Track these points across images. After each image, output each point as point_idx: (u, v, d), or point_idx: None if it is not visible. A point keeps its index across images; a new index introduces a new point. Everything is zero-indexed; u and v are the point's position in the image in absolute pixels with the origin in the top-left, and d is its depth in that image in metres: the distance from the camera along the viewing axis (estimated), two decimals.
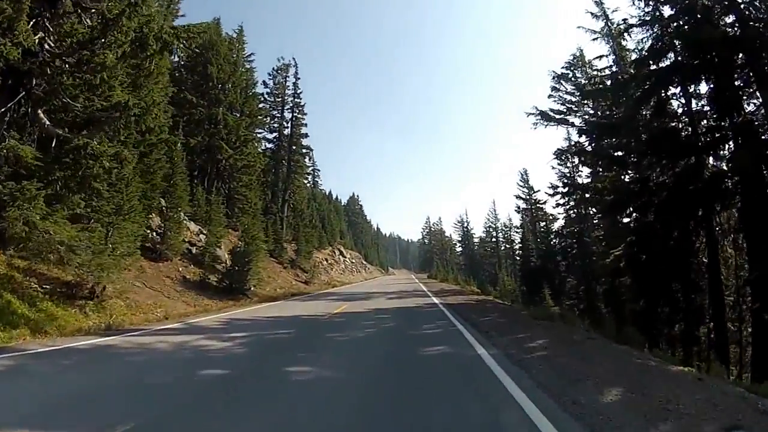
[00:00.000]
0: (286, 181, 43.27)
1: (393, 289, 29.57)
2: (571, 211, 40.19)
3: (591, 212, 39.95)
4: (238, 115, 34.63)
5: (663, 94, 15.52)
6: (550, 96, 32.12)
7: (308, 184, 74.08)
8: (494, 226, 68.60)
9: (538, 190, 47.89)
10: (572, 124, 31.98)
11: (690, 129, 15.65)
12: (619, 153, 16.75)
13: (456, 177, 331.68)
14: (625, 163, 16.61)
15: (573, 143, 30.81)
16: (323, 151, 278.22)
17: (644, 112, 16.39)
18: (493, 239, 68.87)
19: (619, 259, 17.06)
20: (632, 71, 16.87)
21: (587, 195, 17.85)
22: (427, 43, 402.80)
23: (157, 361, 6.57)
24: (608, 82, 18.84)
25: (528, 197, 48.11)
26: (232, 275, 20.70)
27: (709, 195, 13.85)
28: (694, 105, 16.35)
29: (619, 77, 17.16)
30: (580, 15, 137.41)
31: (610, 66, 19.17)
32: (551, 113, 31.38)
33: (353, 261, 66.19)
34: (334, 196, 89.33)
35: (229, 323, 11.14)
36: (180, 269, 21.58)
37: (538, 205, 47.10)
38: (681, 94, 16.36)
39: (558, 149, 31.55)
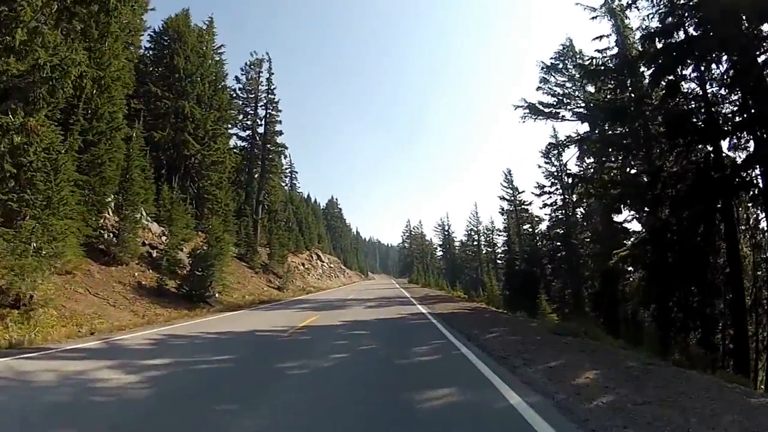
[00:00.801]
0: (260, 181, 40.83)
1: (373, 296, 27.16)
2: (559, 212, 38.81)
3: (579, 213, 38.64)
4: (207, 108, 32.13)
5: (678, 72, 13.84)
6: (539, 88, 30.48)
7: (285, 186, 71.85)
8: (476, 229, 66.98)
9: (523, 191, 46.48)
10: (563, 118, 30.51)
11: (705, 113, 14.01)
12: (626, 141, 15.00)
13: (437, 180, 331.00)
14: (636, 151, 14.89)
15: (567, 136, 29.30)
16: (302, 155, 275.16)
17: (654, 95, 14.74)
18: (475, 243, 67.16)
19: (624, 260, 15.30)
20: (639, 49, 15.20)
21: (591, 189, 16.02)
22: (406, 44, 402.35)
23: (7, 409, 4.31)
24: (610, 67, 17.09)
25: (512, 198, 46.57)
26: (192, 281, 18.35)
27: (734, 185, 12.15)
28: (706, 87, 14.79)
29: (628, 54, 15.45)
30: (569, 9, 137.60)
31: (612, 47, 17.44)
32: (540, 106, 29.85)
33: (331, 266, 63.81)
34: (312, 200, 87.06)
35: (160, 343, 8.78)
36: (136, 274, 19.24)
37: (522, 206, 45.58)
38: (695, 76, 14.76)
39: (550, 143, 29.96)
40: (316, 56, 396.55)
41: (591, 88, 29.80)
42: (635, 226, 27.17)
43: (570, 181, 19.31)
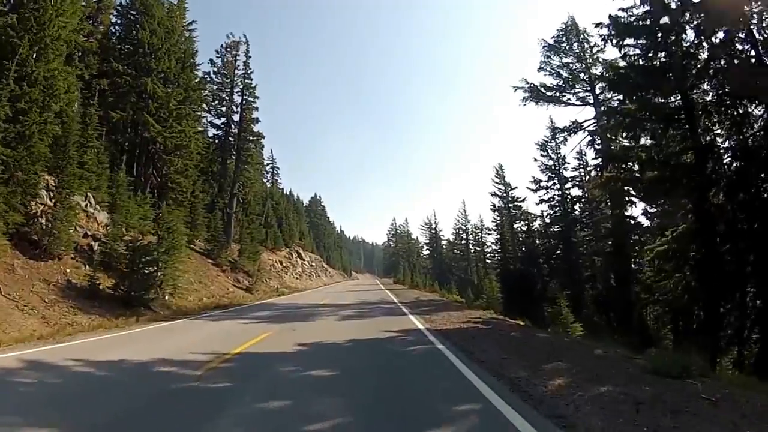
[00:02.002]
0: (235, 172, 37.49)
1: (353, 299, 23.58)
2: (556, 209, 36.16)
3: (577, 210, 35.99)
4: (173, 87, 28.74)
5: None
6: (540, 69, 27.84)
7: (267, 182, 68.51)
8: (464, 227, 64.02)
9: (516, 187, 43.78)
10: (567, 102, 27.79)
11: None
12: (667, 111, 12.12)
13: (424, 178, 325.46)
14: (677, 124, 12.08)
15: (572, 121, 26.58)
16: (286, 152, 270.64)
17: (700, 54, 11.99)
18: (463, 241, 64.21)
19: (663, 256, 12.45)
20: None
21: (621, 173, 13.10)
22: (392, 36, 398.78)
23: None
24: (644, 24, 14.23)
25: (504, 194, 43.84)
26: (132, 280, 15.06)
27: None
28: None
29: (669, 3, 12.58)
30: None
31: (637, 5, 14.58)
32: (543, 89, 27.12)
33: (313, 264, 60.45)
34: (295, 196, 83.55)
35: None
36: (68, 270, 16.02)
37: (516, 202, 42.88)
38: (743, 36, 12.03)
39: (555, 128, 27.14)
40: (300, 51, 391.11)
41: (596, 71, 27.31)
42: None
43: (598, 160, 16.21)
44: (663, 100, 12.33)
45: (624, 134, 14.04)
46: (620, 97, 14.38)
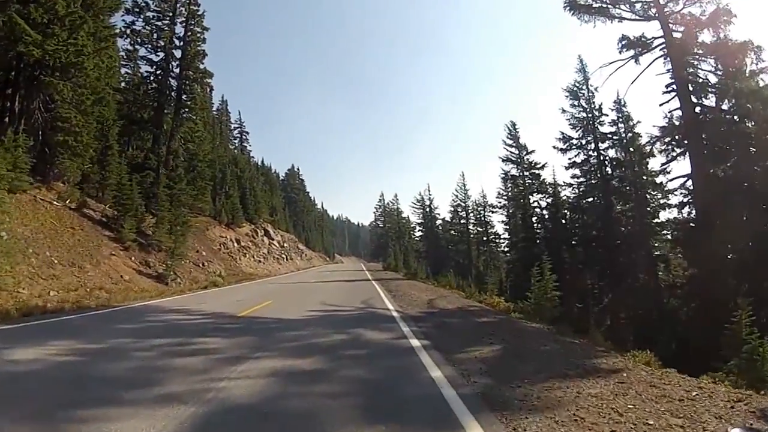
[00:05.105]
0: (174, 120, 28.62)
1: (313, 305, 12.10)
2: (591, 175, 27.96)
3: (616, 177, 27.83)
4: None
5: None
6: None
7: (234, 149, 59.76)
8: (463, 204, 55.18)
9: (532, 151, 35.37)
10: (621, 16, 19.54)
11: None
12: None
13: (414, 153, 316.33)
14: None
15: (637, 37, 18.25)
16: (263, 125, 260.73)
17: None
18: (462, 221, 55.47)
19: None
20: None
21: None
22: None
23: None
24: None
25: (518, 159, 35.49)
26: None
27: None
28: None
29: None
30: None
31: None
32: None
33: (285, 245, 51.72)
34: (269, 167, 74.30)
35: None
36: None
37: (533, 169, 34.57)
38: None
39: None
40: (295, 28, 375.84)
41: None
42: None
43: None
44: None
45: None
46: None
